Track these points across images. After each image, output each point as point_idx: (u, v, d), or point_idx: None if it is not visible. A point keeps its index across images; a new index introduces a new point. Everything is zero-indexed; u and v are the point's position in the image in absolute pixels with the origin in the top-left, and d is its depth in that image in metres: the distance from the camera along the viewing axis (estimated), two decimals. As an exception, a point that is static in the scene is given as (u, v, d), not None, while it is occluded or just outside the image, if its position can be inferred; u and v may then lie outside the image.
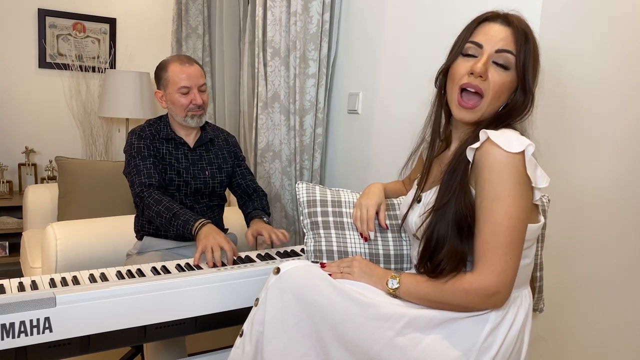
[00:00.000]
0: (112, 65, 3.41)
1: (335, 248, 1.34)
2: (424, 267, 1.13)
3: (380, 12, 1.97)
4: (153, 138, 1.80)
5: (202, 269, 1.44)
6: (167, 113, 1.88)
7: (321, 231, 1.36)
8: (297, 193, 1.44)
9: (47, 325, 1.17)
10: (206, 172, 1.85)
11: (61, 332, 1.19)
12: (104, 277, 1.36)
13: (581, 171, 1.62)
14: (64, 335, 1.20)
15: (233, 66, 2.76)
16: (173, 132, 1.83)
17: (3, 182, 3.07)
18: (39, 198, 2.61)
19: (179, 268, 1.46)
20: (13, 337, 1.14)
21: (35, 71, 3.22)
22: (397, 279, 1.14)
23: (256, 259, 1.57)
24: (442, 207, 1.10)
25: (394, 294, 1.14)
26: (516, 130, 1.12)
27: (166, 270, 1.44)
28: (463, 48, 1.15)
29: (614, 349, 1.83)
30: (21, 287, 1.26)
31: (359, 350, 1.07)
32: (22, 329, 1.14)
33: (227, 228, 2.00)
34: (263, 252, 1.63)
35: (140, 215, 1.85)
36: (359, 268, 1.21)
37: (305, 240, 1.38)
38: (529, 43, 1.11)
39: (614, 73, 1.61)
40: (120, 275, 1.38)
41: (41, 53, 3.21)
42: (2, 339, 1.13)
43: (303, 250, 1.67)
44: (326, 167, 2.32)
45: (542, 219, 1.17)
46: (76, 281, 1.32)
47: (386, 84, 1.97)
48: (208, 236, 1.51)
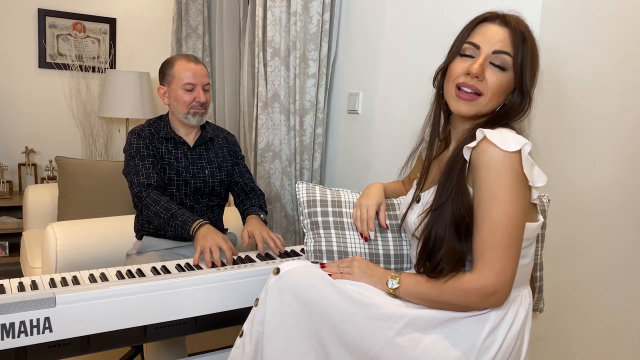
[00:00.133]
0: (112, 65, 3.41)
1: (335, 248, 1.35)
2: (423, 267, 1.13)
3: (380, 12, 1.97)
4: (152, 137, 1.80)
5: (202, 269, 1.44)
6: (168, 112, 1.88)
7: (321, 231, 1.36)
8: (297, 193, 1.44)
9: (47, 325, 1.17)
10: (206, 171, 1.85)
11: (61, 332, 1.19)
12: (104, 277, 1.36)
13: (581, 171, 1.62)
14: (64, 335, 1.20)
15: (233, 66, 2.76)
16: (173, 132, 1.83)
17: (3, 182, 3.07)
18: (39, 198, 2.61)
19: (179, 268, 1.46)
20: (13, 337, 1.14)
21: (35, 71, 3.22)
22: (397, 279, 1.14)
23: (256, 259, 1.57)
24: (440, 207, 1.10)
25: (394, 294, 1.14)
26: (514, 129, 1.12)
27: (166, 270, 1.44)
28: (461, 48, 1.15)
29: (614, 349, 1.83)
30: (21, 287, 1.26)
31: (359, 350, 1.07)
32: (22, 329, 1.15)
33: (227, 228, 2.00)
34: (263, 253, 1.63)
35: (139, 215, 1.85)
36: (359, 268, 1.21)
37: (305, 240, 1.38)
38: (527, 44, 1.10)
39: (614, 73, 1.61)
40: (120, 275, 1.38)
41: (41, 53, 3.21)
42: (2, 339, 1.13)
43: (303, 250, 1.67)
44: (326, 167, 2.32)
45: (541, 218, 1.17)
46: (76, 281, 1.32)
47: (386, 84, 1.97)
48: (206, 237, 1.51)
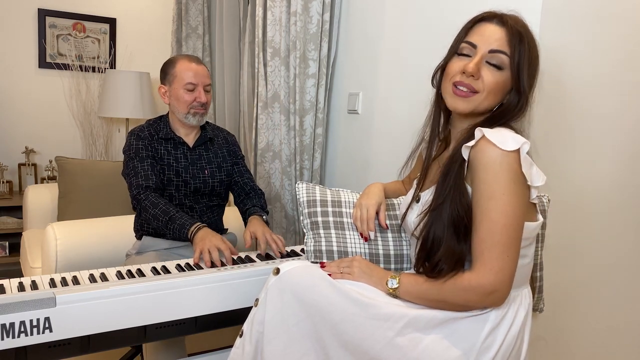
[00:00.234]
0: (112, 65, 3.41)
1: (335, 248, 1.34)
2: (423, 267, 1.13)
3: (380, 12, 1.97)
4: (151, 138, 1.80)
5: (202, 269, 1.44)
6: (168, 112, 1.88)
7: (321, 231, 1.36)
8: (297, 193, 1.44)
9: (47, 325, 1.17)
10: (205, 171, 1.85)
11: (61, 332, 1.19)
12: (104, 277, 1.36)
13: (581, 171, 1.62)
14: (64, 335, 1.20)
15: (233, 66, 2.76)
16: (172, 132, 1.83)
17: (3, 182, 3.07)
18: (39, 198, 2.61)
19: (179, 268, 1.46)
20: (13, 337, 1.14)
21: (35, 71, 3.22)
22: (397, 279, 1.14)
23: (256, 259, 1.57)
24: (438, 208, 1.10)
25: (394, 294, 1.14)
26: (513, 129, 1.12)
27: (166, 270, 1.44)
28: (458, 47, 1.16)
29: (614, 349, 1.83)
30: (21, 287, 1.26)
31: (359, 350, 1.07)
32: (22, 329, 1.14)
33: (227, 228, 2.00)
34: (263, 253, 1.63)
35: (139, 215, 1.85)
36: (359, 268, 1.21)
37: (305, 240, 1.38)
38: (524, 44, 1.10)
39: (614, 73, 1.61)
40: (120, 275, 1.38)
41: (41, 53, 3.21)
42: (2, 339, 1.13)
43: (303, 250, 1.67)
44: (326, 167, 2.32)
45: (541, 218, 1.17)
46: (76, 281, 1.32)
47: (386, 84, 1.97)
48: (204, 239, 1.52)
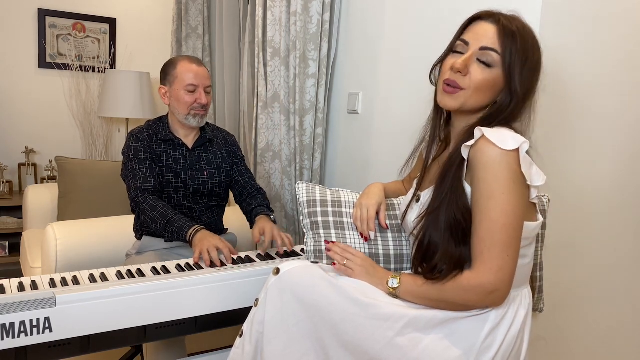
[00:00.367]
0: (112, 65, 3.41)
1: (335, 248, 1.34)
2: (421, 268, 1.14)
3: (380, 12, 1.97)
4: (150, 140, 1.80)
5: (202, 269, 1.44)
6: (168, 113, 1.88)
7: (321, 231, 1.36)
8: (297, 193, 1.44)
9: (47, 325, 1.17)
10: (204, 173, 1.85)
11: (61, 332, 1.19)
12: (104, 277, 1.36)
13: (581, 171, 1.62)
14: (64, 335, 1.20)
15: (233, 66, 2.76)
16: (172, 133, 1.83)
17: (3, 182, 3.07)
18: (39, 198, 2.61)
19: (179, 268, 1.46)
20: (13, 337, 1.14)
21: (35, 71, 3.22)
22: (398, 279, 1.14)
23: (256, 259, 1.57)
24: (435, 212, 1.10)
25: (394, 294, 1.14)
26: (513, 129, 1.12)
27: (166, 270, 1.44)
28: (454, 45, 1.16)
29: (614, 349, 1.83)
30: (21, 287, 1.26)
31: (359, 350, 1.07)
32: (22, 329, 1.14)
33: (227, 228, 2.00)
34: (263, 252, 1.63)
35: (138, 217, 1.85)
36: (363, 267, 1.21)
37: (305, 240, 1.38)
38: (516, 42, 1.08)
39: (614, 73, 1.61)
40: (120, 275, 1.38)
41: (41, 53, 3.21)
42: (2, 339, 1.13)
43: (303, 250, 1.67)
44: (326, 167, 2.32)
45: (541, 218, 1.17)
46: (76, 281, 1.32)
47: (386, 84, 1.97)
48: (203, 240, 1.53)
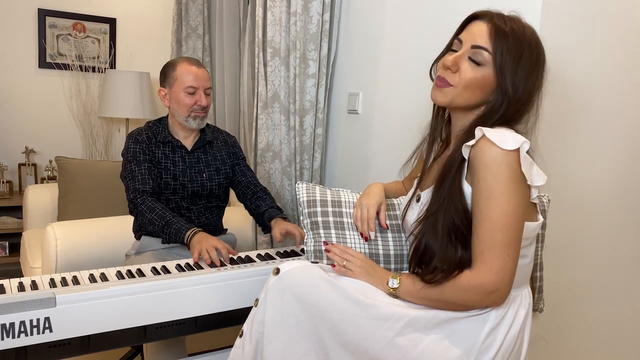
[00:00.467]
0: (112, 65, 3.41)
1: (335, 248, 1.34)
2: (419, 268, 1.14)
3: (380, 12, 1.97)
4: (149, 142, 1.80)
5: (202, 269, 1.44)
6: (168, 114, 1.88)
7: (321, 231, 1.36)
8: (297, 193, 1.44)
9: (47, 325, 1.17)
10: (203, 175, 1.84)
11: (61, 332, 1.19)
12: (104, 277, 1.36)
13: (581, 171, 1.62)
14: (64, 335, 1.20)
15: (233, 66, 2.76)
16: (171, 135, 1.83)
17: (3, 182, 3.07)
18: (39, 198, 2.61)
19: (179, 268, 1.46)
20: (13, 337, 1.14)
21: (35, 71, 3.22)
22: (398, 279, 1.14)
23: (256, 259, 1.57)
24: (432, 216, 1.10)
25: (394, 294, 1.14)
26: (514, 129, 1.12)
27: (166, 270, 1.44)
28: (451, 44, 1.17)
29: (614, 349, 1.83)
30: (21, 287, 1.26)
31: (359, 350, 1.07)
32: (22, 329, 1.15)
33: (226, 229, 2.00)
34: (263, 252, 1.63)
35: (136, 218, 1.85)
36: (363, 268, 1.21)
37: (305, 240, 1.38)
38: (508, 42, 1.08)
39: (614, 72, 1.61)
40: (120, 275, 1.38)
41: (41, 53, 3.21)
42: (2, 339, 1.13)
43: (303, 250, 1.67)
44: (326, 167, 2.32)
45: (541, 218, 1.17)
46: (76, 281, 1.32)
47: (386, 84, 1.97)
48: (201, 242, 1.53)
